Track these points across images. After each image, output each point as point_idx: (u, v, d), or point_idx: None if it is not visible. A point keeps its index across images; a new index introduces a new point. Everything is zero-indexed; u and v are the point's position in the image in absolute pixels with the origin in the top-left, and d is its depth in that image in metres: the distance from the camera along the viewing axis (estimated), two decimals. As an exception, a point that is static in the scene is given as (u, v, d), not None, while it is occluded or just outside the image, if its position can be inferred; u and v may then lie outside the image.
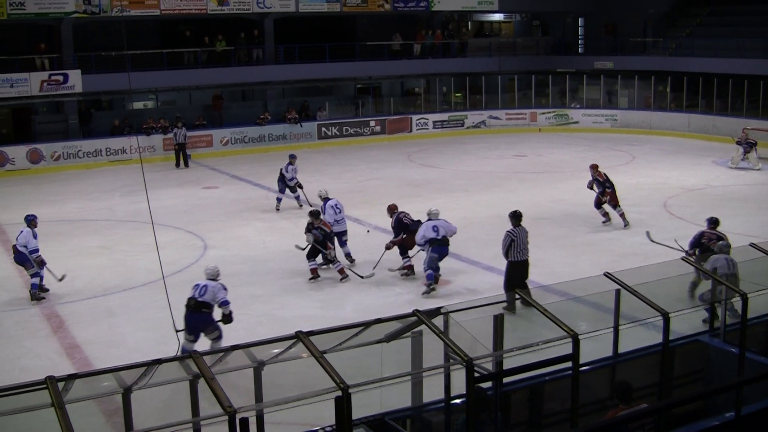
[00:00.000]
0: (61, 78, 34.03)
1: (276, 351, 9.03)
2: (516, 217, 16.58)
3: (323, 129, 39.64)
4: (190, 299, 13.76)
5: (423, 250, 17.74)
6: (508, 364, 9.37)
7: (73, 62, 35.10)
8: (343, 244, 19.95)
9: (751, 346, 10.89)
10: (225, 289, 14.07)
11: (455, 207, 24.75)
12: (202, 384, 8.11)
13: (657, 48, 45.08)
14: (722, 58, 40.26)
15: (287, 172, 25.64)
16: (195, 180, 30.90)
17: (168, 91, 40.02)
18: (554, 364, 9.26)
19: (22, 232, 18.10)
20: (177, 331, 13.02)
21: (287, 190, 25.62)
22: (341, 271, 18.52)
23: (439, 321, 9.27)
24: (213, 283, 14.06)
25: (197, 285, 13.99)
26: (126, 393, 8.47)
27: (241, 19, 39.48)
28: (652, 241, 19.02)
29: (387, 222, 22.19)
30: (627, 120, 42.10)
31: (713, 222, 17.18)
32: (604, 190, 22.95)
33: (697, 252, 16.55)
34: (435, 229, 17.58)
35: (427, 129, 41.76)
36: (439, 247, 17.55)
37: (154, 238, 13.30)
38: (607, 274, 10.55)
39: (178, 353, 12.49)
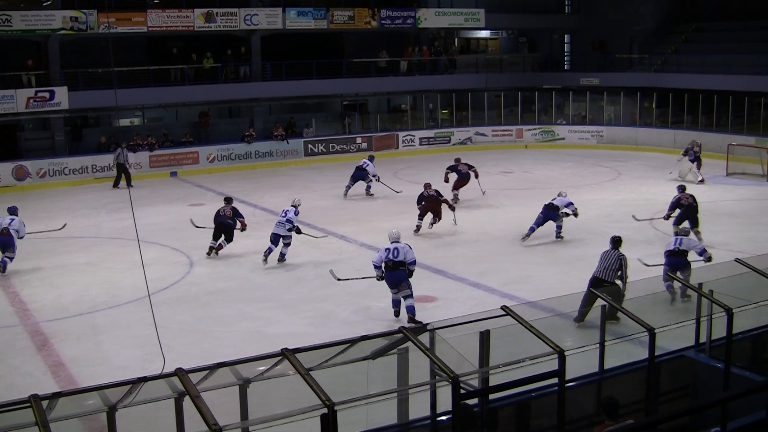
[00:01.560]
0: (47, 95, 33.96)
1: (262, 368, 9.00)
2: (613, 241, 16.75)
3: (310, 146, 39.66)
4: (387, 261, 16.31)
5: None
6: (494, 380, 9.37)
7: (60, 79, 35.05)
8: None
9: (736, 361, 10.91)
10: (411, 248, 16.52)
11: (442, 223, 24.74)
12: (187, 402, 8.09)
13: (643, 64, 45.32)
14: (708, 75, 40.51)
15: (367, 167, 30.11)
16: (181, 197, 30.85)
17: (155, 108, 40.03)
18: (540, 380, 9.27)
19: (14, 219, 20.44)
20: (338, 279, 18.00)
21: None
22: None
23: (425, 338, 9.27)
24: (402, 245, 16.53)
25: (388, 249, 16.43)
26: (111, 411, 8.43)
27: (229, 36, 39.53)
28: (638, 220, 23.12)
29: (372, 239, 22.33)
30: (613, 136, 42.24)
31: (682, 188, 22.99)
32: None
33: (676, 212, 22.31)
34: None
35: (414, 146, 41.83)
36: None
37: (140, 256, 13.28)
38: (592, 290, 10.57)
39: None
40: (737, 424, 9.29)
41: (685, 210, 22.35)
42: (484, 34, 51.63)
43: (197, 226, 23.48)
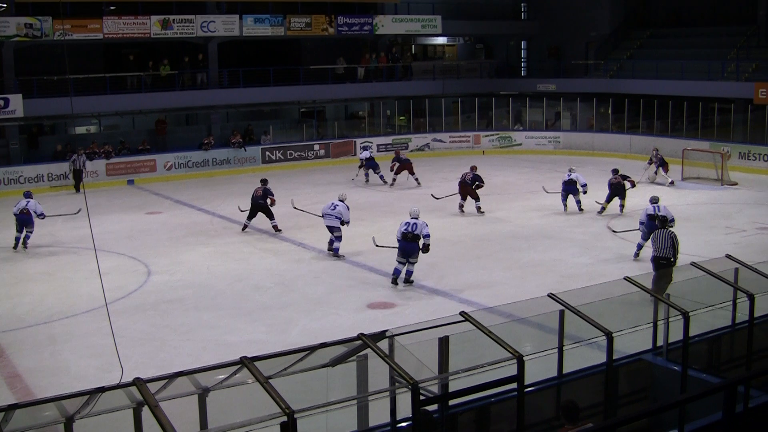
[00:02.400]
0: (2, 102, 33.56)
1: (221, 377, 8.95)
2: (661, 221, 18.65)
3: (267, 153, 39.54)
4: (406, 233, 18.95)
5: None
6: (453, 386, 9.38)
7: (15, 86, 34.68)
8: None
9: (693, 363, 11.00)
10: (426, 225, 19.18)
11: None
12: (146, 412, 8.02)
13: (599, 70, 45.72)
14: (662, 80, 41.03)
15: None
16: (138, 205, 30.63)
17: (111, 115, 39.75)
18: (500, 385, 9.28)
19: (29, 201, 23.88)
20: (377, 245, 20.93)
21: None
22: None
23: (384, 344, 9.26)
24: (419, 221, 19.17)
25: (407, 223, 19.11)
26: (68, 422, 8.34)
27: (186, 43, 39.35)
28: (615, 232, 23.99)
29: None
30: (570, 142, 42.52)
31: (615, 171, 27.40)
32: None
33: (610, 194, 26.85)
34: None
35: (372, 152, 41.82)
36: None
37: (97, 264, 13.17)
38: (551, 295, 10.61)
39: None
40: (694, 425, 9.35)
41: (614, 188, 26.92)
42: (441, 40, 51.78)
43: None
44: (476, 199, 27.63)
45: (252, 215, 25.43)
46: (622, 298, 11.44)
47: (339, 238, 22.29)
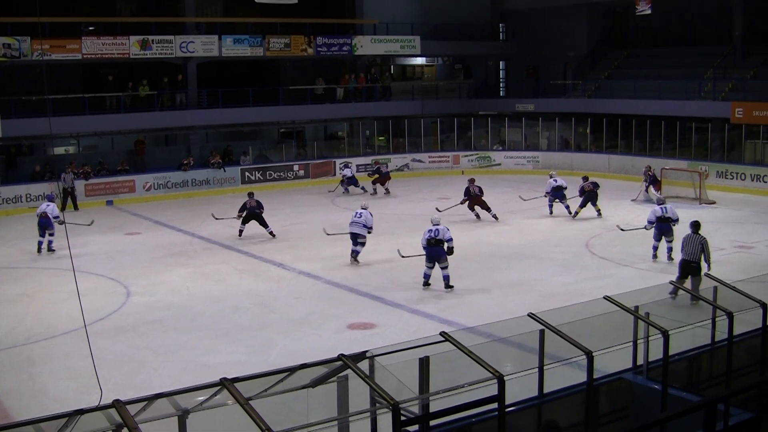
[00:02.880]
0: (-21, 123, 33.48)
1: (201, 398, 8.91)
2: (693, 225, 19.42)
3: (247, 174, 39.50)
4: (430, 239, 20.38)
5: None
6: (434, 406, 9.36)
7: (-7, 107, 34.61)
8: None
9: (673, 382, 11.03)
10: (448, 230, 20.74)
11: (380, 250, 24.79)
12: (125, 434, 7.97)
13: (577, 90, 45.95)
14: (640, 100, 41.30)
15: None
16: (117, 226, 30.50)
17: (90, 136, 39.64)
18: (480, 405, 9.27)
19: (49, 205, 25.58)
20: (402, 256, 22.57)
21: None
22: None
23: (364, 365, 9.24)
24: (441, 227, 20.65)
25: (431, 230, 20.52)
26: (47, 445, 8.28)
27: (165, 64, 39.32)
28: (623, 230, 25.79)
29: (311, 266, 22.37)
30: (549, 161, 42.63)
31: (586, 178, 30.05)
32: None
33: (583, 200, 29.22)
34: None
35: (353, 171, 41.81)
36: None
37: (76, 286, 13.10)
38: (531, 315, 10.62)
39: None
40: (674, 445, 9.38)
41: (588, 195, 29.44)
42: (420, 61, 51.93)
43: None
44: (488, 209, 29.33)
45: (246, 221, 27.35)
46: (602, 317, 11.45)
47: (363, 244, 23.66)
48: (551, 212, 30.16)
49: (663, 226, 22.91)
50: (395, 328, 17.86)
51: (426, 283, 20.88)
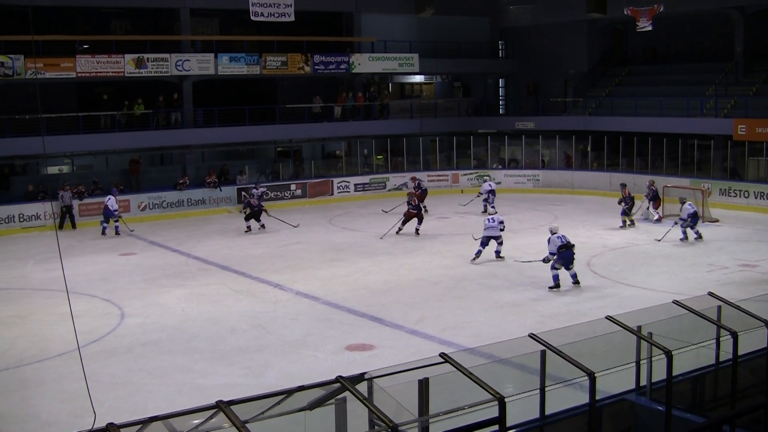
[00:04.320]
0: (-27, 142, 33.49)
1: (196, 422, 8.86)
2: None
3: (243, 193, 39.41)
4: (567, 244, 22.41)
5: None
6: (434, 429, 9.33)
7: (-14, 126, 34.61)
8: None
9: (677, 403, 10.98)
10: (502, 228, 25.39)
11: (378, 270, 24.77)
12: (119, 458, 7.92)
13: (577, 108, 46.02)
14: (641, 117, 41.42)
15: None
16: (112, 246, 30.45)
17: (84, 155, 39.65)
18: (481, 428, 9.22)
19: (110, 198, 31.55)
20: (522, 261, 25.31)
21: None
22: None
23: (363, 387, 9.20)
24: (553, 237, 22.67)
25: (560, 236, 22.55)
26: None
27: (160, 82, 39.36)
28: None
29: (308, 287, 22.35)
30: (549, 180, 42.69)
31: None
32: None
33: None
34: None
35: (349, 192, 41.82)
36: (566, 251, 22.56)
37: (69, 307, 13.06)
38: (532, 335, 10.59)
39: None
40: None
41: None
42: (419, 78, 52.01)
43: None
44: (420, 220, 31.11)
45: (249, 218, 31.79)
46: (604, 338, 11.42)
47: (501, 243, 26.24)
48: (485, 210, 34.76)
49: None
50: (394, 349, 17.81)
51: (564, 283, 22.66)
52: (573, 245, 22.79)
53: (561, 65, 48.24)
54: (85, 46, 38.12)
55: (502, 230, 26.07)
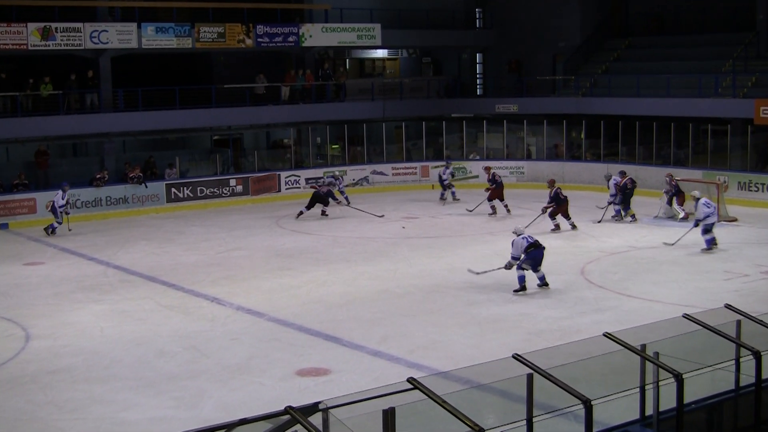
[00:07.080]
0: None
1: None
2: None
3: (173, 190, 39.24)
4: (536, 243, 23.08)
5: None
6: (401, 467, 9.33)
7: None
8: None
9: (689, 436, 11.04)
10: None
11: (334, 281, 24.79)
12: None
13: (569, 88, 46.18)
14: (644, 98, 41.49)
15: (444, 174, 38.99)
16: (14, 254, 30.22)
17: (-21, 145, 39.40)
18: (457, 465, 9.24)
19: (58, 193, 32.71)
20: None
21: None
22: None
23: (317, 419, 9.20)
24: (518, 239, 23.19)
25: (524, 237, 23.12)
26: None
27: (72, 57, 39.11)
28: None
29: (251, 301, 22.31)
30: (536, 172, 42.74)
31: (623, 173, 33.25)
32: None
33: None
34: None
35: (299, 188, 41.70)
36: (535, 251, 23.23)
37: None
38: (516, 356, 10.61)
39: None
40: None
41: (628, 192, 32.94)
42: (381, 53, 52.12)
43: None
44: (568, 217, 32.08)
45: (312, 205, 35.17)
46: (601, 359, 11.46)
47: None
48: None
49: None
50: (354, 374, 17.81)
51: (524, 288, 23.30)
52: (543, 246, 23.30)
53: (549, 37, 48.32)
54: (-20, 14, 37.87)
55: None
